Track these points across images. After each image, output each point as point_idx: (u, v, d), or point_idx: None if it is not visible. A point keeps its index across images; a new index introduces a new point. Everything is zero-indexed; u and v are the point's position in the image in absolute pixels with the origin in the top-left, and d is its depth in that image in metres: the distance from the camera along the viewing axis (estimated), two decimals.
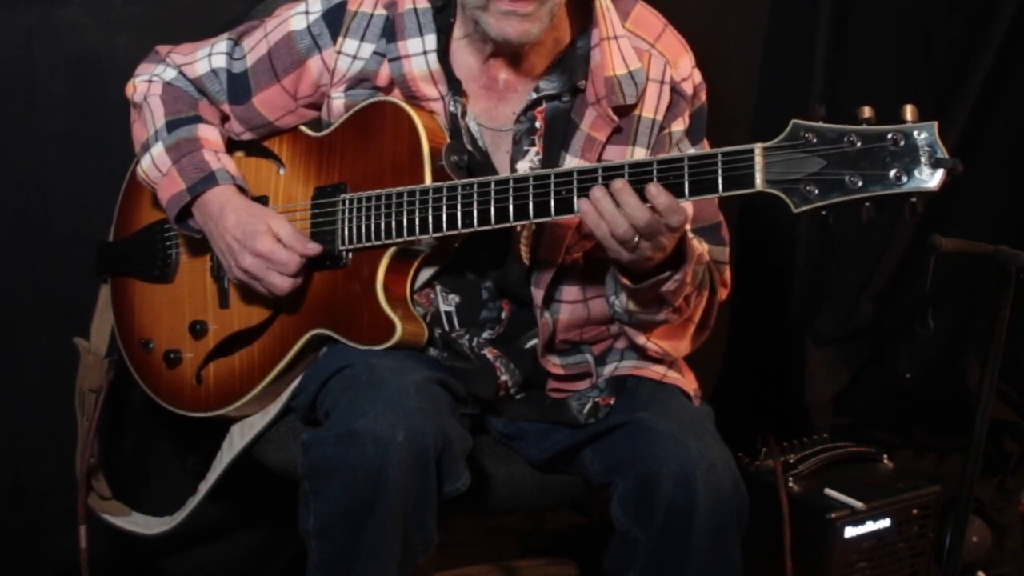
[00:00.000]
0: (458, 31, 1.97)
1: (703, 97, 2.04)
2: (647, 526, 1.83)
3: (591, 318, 2.04)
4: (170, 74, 2.09)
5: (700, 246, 1.97)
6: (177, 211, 2.01)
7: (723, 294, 2.08)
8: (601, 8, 1.95)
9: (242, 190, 2.03)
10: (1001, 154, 3.23)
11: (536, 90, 1.97)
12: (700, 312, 2.01)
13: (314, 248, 1.97)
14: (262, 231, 1.94)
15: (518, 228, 1.97)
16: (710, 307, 2.03)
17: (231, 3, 2.40)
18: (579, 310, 2.03)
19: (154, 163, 2.04)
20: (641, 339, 1.99)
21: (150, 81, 2.10)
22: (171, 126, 2.04)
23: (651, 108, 1.97)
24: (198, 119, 2.05)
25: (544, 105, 1.98)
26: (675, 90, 1.98)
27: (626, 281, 1.85)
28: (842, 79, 3.06)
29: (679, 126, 2.00)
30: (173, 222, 2.04)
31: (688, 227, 1.95)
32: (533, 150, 1.99)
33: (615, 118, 1.94)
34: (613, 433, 1.94)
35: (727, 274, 2.08)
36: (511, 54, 1.93)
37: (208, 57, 2.08)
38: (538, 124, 1.98)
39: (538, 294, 1.98)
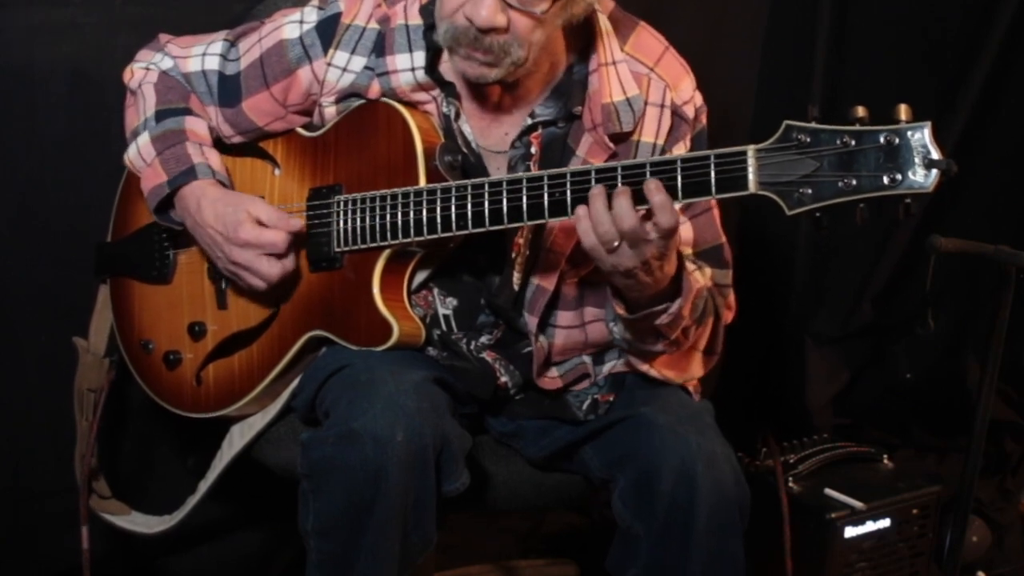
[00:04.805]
0: (447, 53, 1.93)
1: (704, 120, 2.01)
2: (648, 521, 1.83)
3: (589, 342, 2.02)
4: (167, 64, 2.09)
5: (702, 278, 1.94)
6: (156, 203, 2.01)
7: (728, 317, 2.04)
8: (600, 33, 1.93)
9: (222, 185, 2.01)
10: (1001, 154, 3.23)
11: (531, 115, 1.95)
12: (705, 339, 1.98)
13: (296, 224, 1.96)
14: (242, 219, 1.93)
15: (512, 255, 1.96)
16: (715, 333, 2.00)
17: (231, 3, 2.40)
18: (575, 335, 2.01)
19: (139, 152, 2.03)
20: (644, 367, 1.96)
21: (147, 69, 2.10)
22: (160, 116, 2.03)
23: (651, 132, 1.94)
24: (187, 111, 2.05)
25: (540, 130, 1.96)
26: (676, 113, 1.95)
27: (620, 310, 1.83)
28: (842, 79, 3.07)
29: (680, 150, 1.95)
30: (153, 213, 2.04)
31: (689, 250, 1.95)
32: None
33: (611, 145, 1.92)
34: (613, 429, 1.94)
35: (731, 297, 2.05)
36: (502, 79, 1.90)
37: (202, 57, 2.07)
38: (533, 149, 1.96)
39: (532, 320, 1.97)
